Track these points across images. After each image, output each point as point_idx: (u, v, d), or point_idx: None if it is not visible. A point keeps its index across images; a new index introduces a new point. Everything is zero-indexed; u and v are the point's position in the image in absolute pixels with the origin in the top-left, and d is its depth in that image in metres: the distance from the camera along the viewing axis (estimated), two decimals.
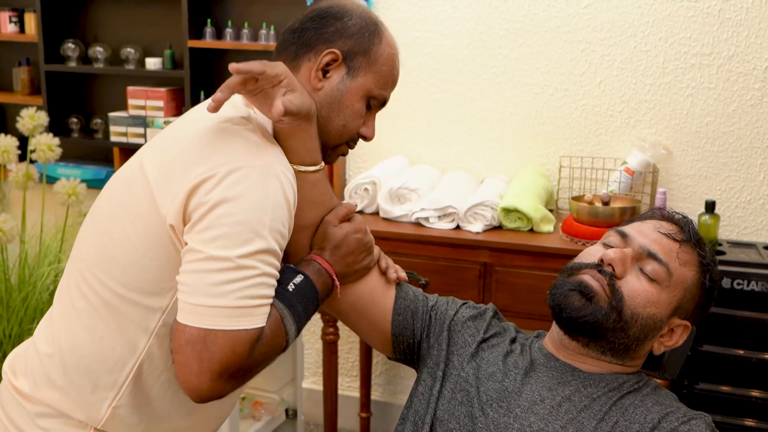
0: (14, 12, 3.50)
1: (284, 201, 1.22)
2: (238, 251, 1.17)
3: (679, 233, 1.29)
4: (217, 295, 1.15)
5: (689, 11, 2.74)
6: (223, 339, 1.14)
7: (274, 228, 1.20)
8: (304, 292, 1.26)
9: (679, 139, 2.83)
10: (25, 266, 2.98)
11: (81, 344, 1.29)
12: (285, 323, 1.21)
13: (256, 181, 1.20)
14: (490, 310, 1.43)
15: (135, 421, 1.31)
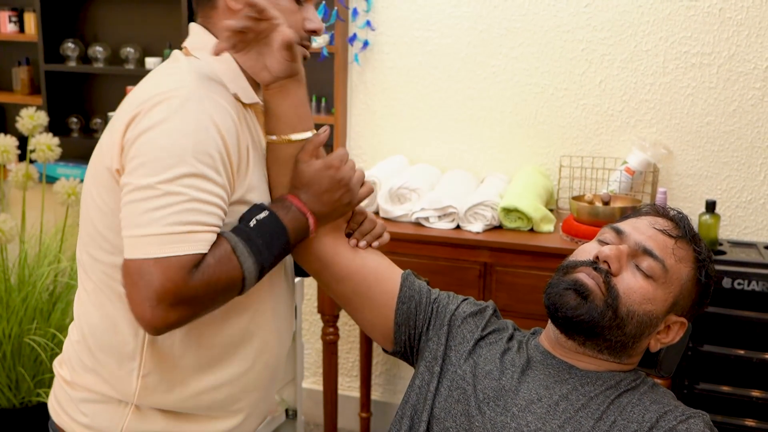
0: (14, 12, 3.49)
1: (211, 125, 1.22)
2: (161, 177, 1.17)
3: (674, 229, 1.29)
4: (145, 224, 1.17)
5: (690, 10, 2.73)
6: (154, 267, 1.15)
7: (199, 151, 1.20)
8: (267, 228, 1.25)
9: (679, 138, 2.83)
10: (24, 266, 2.98)
11: (97, 324, 1.33)
12: (237, 254, 1.20)
13: (177, 107, 1.21)
14: (490, 308, 1.43)
15: (167, 386, 1.33)
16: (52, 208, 3.21)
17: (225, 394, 1.37)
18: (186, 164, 1.19)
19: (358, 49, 3.08)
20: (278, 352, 1.47)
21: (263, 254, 1.24)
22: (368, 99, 3.13)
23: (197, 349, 1.33)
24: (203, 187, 1.20)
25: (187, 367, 1.33)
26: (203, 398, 1.35)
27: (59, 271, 3.04)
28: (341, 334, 3.17)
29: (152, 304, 1.15)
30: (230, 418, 1.41)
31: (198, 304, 1.19)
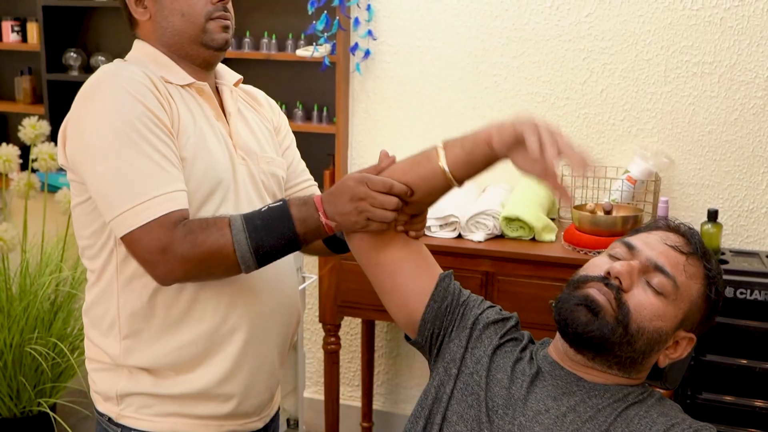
0: (17, 21, 3.50)
1: (128, 96, 1.35)
2: (106, 161, 1.34)
3: (685, 245, 1.28)
4: (116, 205, 1.34)
5: (691, 20, 2.74)
6: (140, 234, 1.33)
7: (128, 123, 1.34)
8: (273, 212, 1.36)
9: (681, 147, 2.83)
10: (26, 275, 2.98)
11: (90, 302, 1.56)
12: (232, 226, 1.34)
13: (93, 94, 1.38)
14: (513, 319, 1.42)
15: (146, 344, 1.48)
16: (53, 218, 3.21)
17: (202, 346, 1.49)
18: (122, 139, 1.33)
19: (359, 58, 3.08)
20: (266, 304, 1.54)
21: (259, 233, 1.34)
22: (370, 108, 3.13)
23: (164, 309, 1.47)
24: (146, 153, 1.34)
25: (160, 325, 1.48)
26: (183, 352, 1.48)
27: (61, 280, 3.04)
28: (343, 343, 3.16)
29: (154, 261, 1.34)
30: (215, 369, 1.50)
31: (189, 257, 1.33)
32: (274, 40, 3.13)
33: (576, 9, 2.84)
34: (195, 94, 1.51)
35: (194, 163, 1.43)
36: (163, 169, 1.35)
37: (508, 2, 2.90)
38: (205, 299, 1.48)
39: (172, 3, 1.48)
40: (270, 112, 1.72)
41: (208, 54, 1.52)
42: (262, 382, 1.58)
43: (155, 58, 1.50)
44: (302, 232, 1.36)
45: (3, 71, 3.72)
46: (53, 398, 3.02)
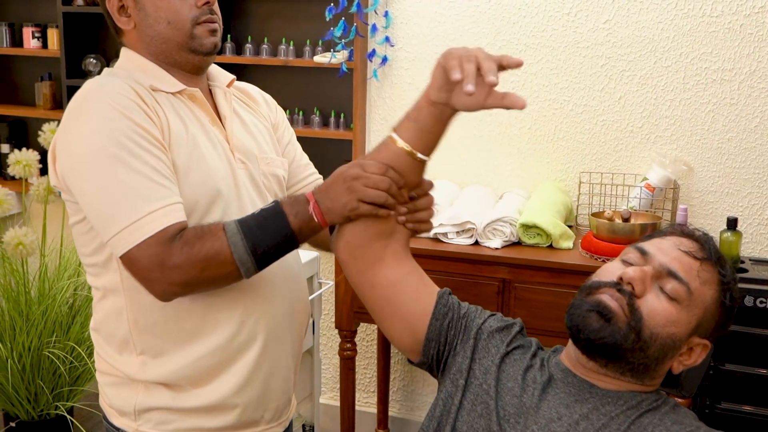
0: (37, 28, 3.54)
1: (114, 112, 1.33)
2: (97, 179, 1.32)
3: (699, 251, 1.27)
4: (111, 224, 1.32)
5: (710, 26, 2.72)
6: (137, 253, 1.31)
7: (115, 140, 1.31)
8: (266, 212, 1.34)
9: (700, 155, 2.81)
10: (45, 279, 3.00)
11: (100, 319, 1.52)
12: (226, 231, 1.32)
13: (78, 112, 1.36)
14: (517, 325, 1.41)
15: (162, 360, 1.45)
16: None
17: (218, 358, 1.47)
18: (110, 156, 1.31)
19: (377, 64, 3.08)
20: (279, 309, 1.52)
21: (255, 233, 1.32)
22: (387, 114, 3.13)
23: (177, 322, 1.44)
24: (136, 169, 1.31)
25: (174, 340, 1.45)
26: (199, 365, 1.46)
27: (79, 284, 3.06)
28: (359, 349, 3.16)
29: (152, 278, 1.32)
30: (232, 378, 1.48)
31: (187, 268, 1.31)
32: (291, 46, 3.15)
33: (594, 15, 2.83)
34: (187, 100, 1.48)
35: (188, 174, 1.40)
36: (156, 182, 1.33)
37: (526, 9, 2.90)
38: (218, 310, 1.46)
39: (156, 11, 1.44)
40: (266, 108, 1.68)
41: (197, 59, 1.49)
42: (278, 387, 1.57)
43: (143, 66, 1.47)
44: (297, 227, 1.34)
45: (23, 77, 3.75)
46: (70, 402, 3.03)
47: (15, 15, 3.67)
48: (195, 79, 1.51)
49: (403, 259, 1.40)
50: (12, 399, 2.96)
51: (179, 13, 1.44)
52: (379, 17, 3.05)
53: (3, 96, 3.79)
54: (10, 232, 2.87)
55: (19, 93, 3.78)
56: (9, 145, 3.68)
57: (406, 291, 1.38)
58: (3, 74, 3.78)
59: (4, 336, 2.90)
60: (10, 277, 2.99)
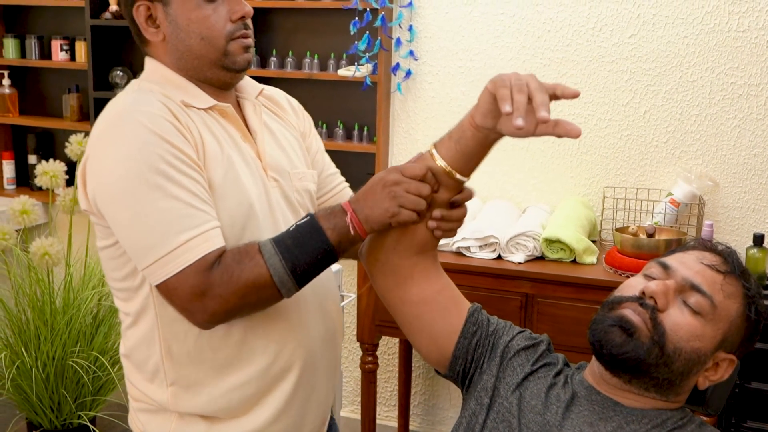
0: (65, 41, 3.58)
1: (149, 135, 1.26)
2: (133, 207, 1.26)
3: (722, 264, 1.26)
4: (147, 254, 1.26)
5: (736, 41, 2.70)
6: (175, 283, 1.26)
7: (151, 166, 1.25)
8: (302, 229, 1.29)
9: (726, 170, 2.78)
10: (69, 289, 3.03)
11: (130, 346, 1.46)
12: (263, 252, 1.27)
13: (117, 134, 1.28)
14: (544, 343, 1.40)
15: (194, 391, 1.40)
16: None
17: (254, 388, 1.41)
18: (147, 183, 1.25)
19: (400, 78, 3.09)
20: (314, 334, 1.47)
21: (293, 253, 1.27)
22: (410, 128, 3.13)
23: (212, 351, 1.39)
24: (174, 195, 1.26)
25: (207, 370, 1.39)
26: (233, 396, 1.40)
27: (103, 294, 3.08)
28: (380, 363, 3.15)
29: (192, 308, 1.27)
30: (268, 408, 1.43)
31: (227, 296, 1.26)
32: (316, 59, 3.16)
33: (619, 30, 2.82)
34: (218, 116, 1.42)
35: (225, 194, 1.35)
36: (194, 207, 1.27)
37: (551, 23, 2.90)
38: (253, 339, 1.40)
39: (189, 24, 1.36)
40: (294, 116, 1.62)
41: (229, 76, 1.43)
42: (313, 411, 1.52)
43: (172, 80, 1.40)
44: (336, 240, 1.29)
45: (51, 89, 3.80)
46: (93, 411, 3.05)
47: (44, 28, 3.72)
48: (224, 94, 1.45)
49: (434, 277, 1.38)
50: (36, 408, 2.98)
51: (213, 28, 1.37)
52: (404, 31, 3.06)
53: (31, 107, 3.84)
54: (36, 242, 2.90)
55: (47, 105, 3.82)
56: (36, 156, 3.73)
57: (435, 309, 1.36)
58: (31, 86, 3.83)
59: (29, 345, 2.93)
60: (36, 287, 3.01)
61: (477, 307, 1.40)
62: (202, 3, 1.36)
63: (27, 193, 3.49)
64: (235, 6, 1.38)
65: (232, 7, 1.38)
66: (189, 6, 1.36)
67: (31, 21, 3.76)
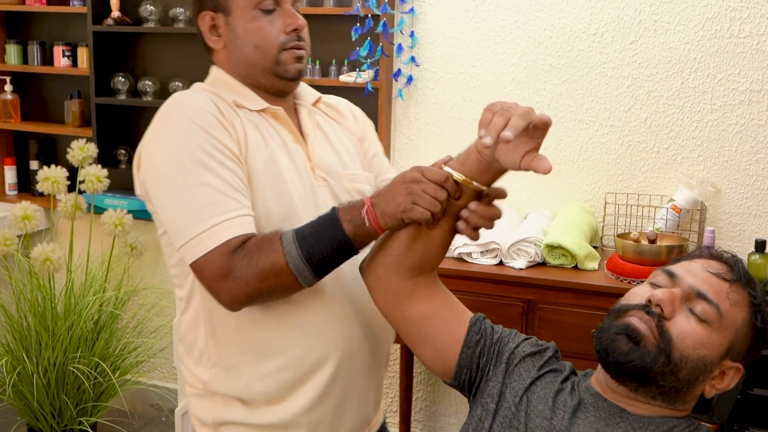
0: (68, 46, 3.59)
1: (192, 125, 1.37)
2: (172, 191, 1.37)
3: (728, 272, 1.26)
4: (181, 235, 1.36)
5: (738, 48, 2.71)
6: (203, 263, 1.34)
7: (191, 153, 1.35)
8: (321, 220, 1.35)
9: (727, 176, 2.78)
10: (71, 295, 3.03)
11: (183, 330, 1.56)
12: (283, 241, 1.33)
13: (161, 125, 1.41)
14: (550, 349, 1.40)
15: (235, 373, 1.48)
16: (99, 238, 3.26)
17: (290, 375, 1.47)
18: (185, 169, 1.35)
19: (402, 84, 3.10)
20: (354, 330, 1.50)
21: (309, 242, 1.32)
22: (412, 134, 3.14)
23: (250, 334, 1.46)
24: (208, 182, 1.35)
25: (246, 354, 1.47)
26: (270, 381, 1.47)
27: (104, 300, 3.08)
28: None
29: (218, 289, 1.35)
30: (304, 397, 1.48)
31: (248, 280, 1.33)
32: (317, 65, 3.17)
33: (621, 36, 2.82)
34: (270, 118, 1.51)
35: (262, 187, 1.42)
36: (226, 195, 1.36)
37: (552, 29, 2.90)
38: (289, 327, 1.46)
39: (245, 34, 1.48)
40: (353, 122, 1.69)
41: (281, 84, 1.53)
42: (353, 408, 1.55)
43: (230, 84, 1.52)
44: (352, 232, 1.32)
45: (53, 94, 3.80)
46: (94, 417, 3.05)
47: (46, 34, 3.73)
48: (280, 100, 1.55)
49: (434, 291, 1.39)
50: (36, 414, 2.98)
51: (267, 38, 1.47)
52: (405, 37, 3.06)
53: (33, 113, 3.84)
54: (37, 247, 2.91)
55: (49, 110, 3.83)
56: (38, 161, 3.73)
57: (437, 323, 1.37)
58: (33, 92, 3.83)
59: (30, 351, 2.93)
60: (37, 293, 3.02)
61: (479, 317, 1.40)
62: (260, 15, 1.47)
63: (28, 198, 3.49)
64: (289, 19, 1.49)
65: (287, 19, 1.49)
66: (247, 17, 1.47)
67: (33, 27, 3.76)
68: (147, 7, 3.39)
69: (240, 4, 1.48)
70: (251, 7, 1.47)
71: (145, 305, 3.36)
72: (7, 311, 3.02)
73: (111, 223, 3.06)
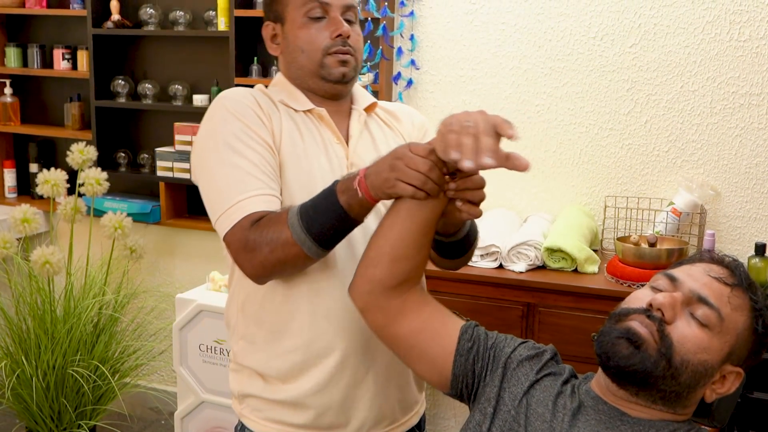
0: (67, 49, 3.59)
1: (227, 114, 1.50)
2: (205, 171, 1.49)
3: (729, 277, 1.25)
4: (212, 211, 1.48)
5: (737, 51, 2.71)
6: (229, 237, 1.45)
7: (223, 140, 1.47)
8: (323, 192, 1.41)
9: (727, 179, 2.78)
10: (70, 298, 3.02)
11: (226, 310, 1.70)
12: (288, 214, 1.40)
13: (207, 116, 1.54)
14: (548, 352, 1.39)
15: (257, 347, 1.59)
16: (98, 241, 3.26)
17: (301, 357, 1.56)
18: (218, 153, 1.47)
19: (402, 87, 3.10)
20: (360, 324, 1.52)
21: (308, 213, 1.39)
22: None
23: (269, 314, 1.57)
24: (237, 163, 1.46)
25: (267, 332, 1.58)
26: (285, 360, 1.57)
27: (104, 303, 3.08)
28: None
29: (240, 260, 1.45)
30: (312, 379, 1.57)
31: (262, 251, 1.41)
32: None
33: (620, 39, 2.83)
34: (315, 119, 1.60)
35: (289, 179, 1.52)
36: (252, 176, 1.46)
37: (552, 32, 2.90)
38: (303, 312, 1.55)
39: (295, 40, 1.58)
40: (410, 127, 1.74)
41: (328, 86, 1.60)
42: (366, 399, 1.60)
43: (283, 86, 1.63)
44: (346, 203, 1.36)
45: (53, 97, 3.80)
46: (93, 420, 3.04)
47: (46, 37, 3.73)
48: (333, 103, 1.64)
49: (423, 305, 1.40)
50: (36, 417, 2.97)
51: (314, 43, 1.57)
52: (405, 40, 3.06)
53: (33, 116, 3.85)
54: (37, 250, 2.90)
55: (49, 113, 3.83)
56: (37, 164, 3.73)
57: (428, 335, 1.38)
58: (33, 95, 3.83)
59: (29, 354, 2.92)
60: (37, 296, 3.01)
61: (470, 324, 1.41)
62: (308, 22, 1.57)
63: (28, 201, 3.49)
64: (334, 25, 1.57)
65: (332, 26, 1.57)
66: (296, 24, 1.58)
67: (33, 30, 3.77)
68: (147, 10, 3.39)
69: (292, 14, 1.58)
70: (301, 16, 1.57)
71: (144, 308, 3.36)
72: (6, 314, 3.01)
73: (110, 226, 3.06)
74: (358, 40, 1.62)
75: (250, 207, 1.43)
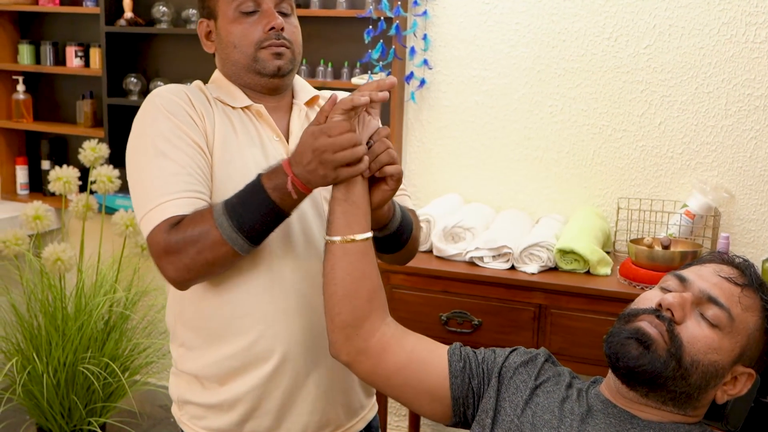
0: (80, 47, 3.60)
1: (159, 114, 1.46)
2: (132, 173, 1.47)
3: (740, 277, 1.25)
4: (136, 211, 1.45)
5: (753, 52, 2.69)
6: (149, 240, 1.42)
7: (153, 141, 1.44)
8: (248, 188, 1.39)
9: (742, 182, 2.76)
10: (81, 295, 3.03)
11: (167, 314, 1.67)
12: (213, 211, 1.38)
13: (139, 113, 1.51)
14: (541, 355, 1.39)
15: (196, 354, 1.57)
16: (110, 239, 3.27)
17: (239, 362, 1.53)
18: (145, 153, 1.45)
19: (414, 87, 3.09)
20: (308, 331, 1.54)
21: (237, 211, 1.36)
22: (424, 137, 3.13)
23: (207, 320, 1.54)
24: (162, 165, 1.43)
25: (204, 337, 1.55)
26: (222, 365, 1.54)
27: (115, 301, 3.08)
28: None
29: (161, 265, 1.41)
30: (248, 383, 1.54)
31: (185, 253, 1.38)
32: (330, 67, 3.16)
33: (635, 40, 2.81)
34: (254, 116, 1.57)
35: (222, 179, 1.48)
36: (177, 176, 1.42)
37: (566, 33, 2.89)
38: (242, 315, 1.52)
39: (228, 35, 1.56)
40: None
41: (264, 81, 1.57)
42: (305, 405, 1.57)
43: (220, 83, 1.60)
44: (279, 199, 1.36)
45: (66, 95, 3.81)
46: (103, 417, 3.05)
47: (59, 34, 3.74)
48: (273, 99, 1.61)
49: (401, 337, 1.38)
50: (46, 414, 2.98)
51: (247, 37, 1.54)
52: (418, 40, 3.05)
53: (45, 113, 3.86)
54: (48, 247, 2.91)
55: (61, 111, 3.84)
56: (50, 161, 3.74)
57: (417, 367, 1.36)
58: (46, 92, 3.85)
59: (40, 351, 2.93)
60: (48, 293, 3.02)
61: (456, 345, 1.40)
62: (240, 17, 1.54)
63: (40, 198, 3.50)
64: (267, 18, 1.55)
65: (264, 19, 1.55)
66: (228, 20, 1.55)
67: (46, 27, 3.78)
68: (160, 8, 3.40)
69: (224, 9, 1.56)
70: (233, 10, 1.55)
71: (155, 306, 3.36)
72: (17, 311, 3.02)
73: (122, 224, 3.06)
74: (294, 32, 1.59)
75: (172, 209, 1.40)
